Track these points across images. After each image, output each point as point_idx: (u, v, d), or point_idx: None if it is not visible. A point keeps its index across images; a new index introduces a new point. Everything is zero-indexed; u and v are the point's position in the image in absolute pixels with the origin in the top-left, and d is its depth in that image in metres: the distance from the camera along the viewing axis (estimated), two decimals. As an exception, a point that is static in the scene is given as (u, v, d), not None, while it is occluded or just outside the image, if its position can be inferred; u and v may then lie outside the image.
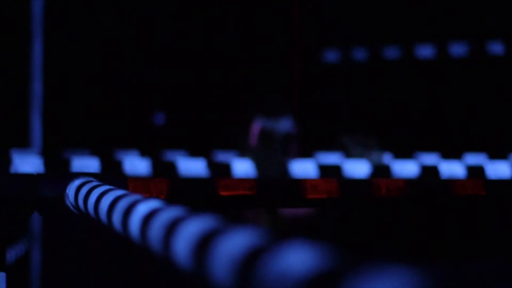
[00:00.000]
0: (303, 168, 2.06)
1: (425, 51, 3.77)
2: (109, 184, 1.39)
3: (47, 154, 2.45)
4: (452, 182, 1.84)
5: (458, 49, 3.72)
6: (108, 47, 3.87)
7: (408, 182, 1.79)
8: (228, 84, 4.00)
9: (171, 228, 0.85)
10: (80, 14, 3.83)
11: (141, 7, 3.90)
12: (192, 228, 0.80)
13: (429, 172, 2.17)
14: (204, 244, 0.74)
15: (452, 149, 3.85)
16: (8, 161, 1.97)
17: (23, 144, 2.90)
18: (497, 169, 2.22)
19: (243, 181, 1.56)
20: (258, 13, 4.03)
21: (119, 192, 1.24)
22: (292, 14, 4.00)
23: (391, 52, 3.82)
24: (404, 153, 2.77)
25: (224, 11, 3.98)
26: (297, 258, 0.59)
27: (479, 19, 3.83)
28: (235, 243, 0.69)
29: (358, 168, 2.11)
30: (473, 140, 3.84)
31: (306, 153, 2.78)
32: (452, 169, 2.18)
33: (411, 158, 2.69)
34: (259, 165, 2.26)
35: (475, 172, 2.20)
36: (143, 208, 1.02)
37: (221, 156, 2.79)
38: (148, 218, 0.96)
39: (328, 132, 4.05)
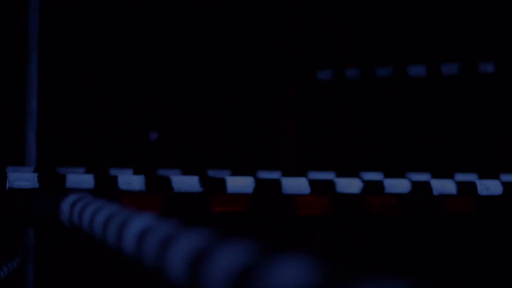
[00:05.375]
0: (296, 185, 2.08)
1: (417, 70, 3.80)
2: (104, 200, 1.40)
3: (42, 170, 2.46)
4: (443, 199, 1.85)
5: (449, 68, 3.75)
6: (104, 64, 3.89)
7: (400, 199, 1.81)
8: (222, 102, 4.02)
9: (166, 243, 0.87)
10: (77, 32, 3.85)
11: (139, 28, 3.93)
12: (187, 243, 0.82)
13: (421, 188, 2.19)
14: (200, 259, 0.76)
15: (443, 169, 3.87)
16: (3, 177, 1.98)
17: (18, 159, 2.91)
18: (489, 187, 2.24)
19: (237, 197, 1.57)
20: (251, 34, 4.06)
21: (114, 207, 1.25)
22: (285, 33, 4.03)
23: (383, 71, 3.85)
24: (395, 173, 2.79)
25: (218, 34, 4.01)
26: (292, 273, 0.61)
27: (470, 39, 3.86)
28: (230, 258, 0.71)
29: (350, 184, 2.13)
30: (464, 160, 3.86)
31: (299, 170, 2.80)
32: (443, 186, 2.19)
33: (403, 177, 2.71)
34: None
35: (466, 189, 2.21)
36: (138, 223, 1.03)
37: (215, 174, 2.81)
38: (143, 233, 0.98)
39: (322, 150, 4.07)
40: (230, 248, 0.72)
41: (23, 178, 1.98)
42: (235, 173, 2.71)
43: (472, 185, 2.23)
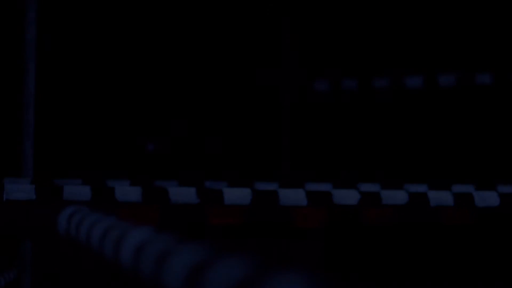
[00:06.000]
0: (294, 197, 2.08)
1: (414, 81, 3.80)
2: (101, 212, 1.40)
3: (39, 182, 2.46)
4: (440, 211, 1.85)
5: (446, 80, 3.75)
6: (101, 76, 3.89)
7: (397, 210, 1.80)
8: (218, 113, 4.03)
9: (164, 257, 0.87)
10: (73, 43, 3.85)
11: (136, 42, 3.93)
12: (185, 257, 0.81)
13: (418, 200, 2.19)
14: (197, 273, 0.75)
15: (440, 179, 3.87)
16: (0, 189, 1.98)
17: (16, 171, 2.91)
18: (485, 198, 2.24)
19: (234, 209, 1.57)
20: (248, 44, 4.07)
21: (110, 220, 1.25)
22: (282, 44, 4.03)
23: (380, 82, 3.85)
24: (392, 183, 2.78)
25: (214, 46, 4.01)
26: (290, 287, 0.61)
27: (467, 50, 3.87)
28: (228, 272, 0.71)
29: (348, 196, 2.13)
30: (461, 170, 3.87)
31: (296, 182, 2.80)
32: (441, 197, 2.19)
33: (400, 188, 2.71)
34: None
35: (463, 200, 2.21)
36: (135, 236, 1.03)
37: (212, 185, 2.81)
38: (140, 247, 0.98)
39: (319, 161, 4.07)
40: (228, 262, 0.72)
41: (20, 190, 1.98)
42: (232, 184, 2.70)
43: (469, 196, 2.23)
